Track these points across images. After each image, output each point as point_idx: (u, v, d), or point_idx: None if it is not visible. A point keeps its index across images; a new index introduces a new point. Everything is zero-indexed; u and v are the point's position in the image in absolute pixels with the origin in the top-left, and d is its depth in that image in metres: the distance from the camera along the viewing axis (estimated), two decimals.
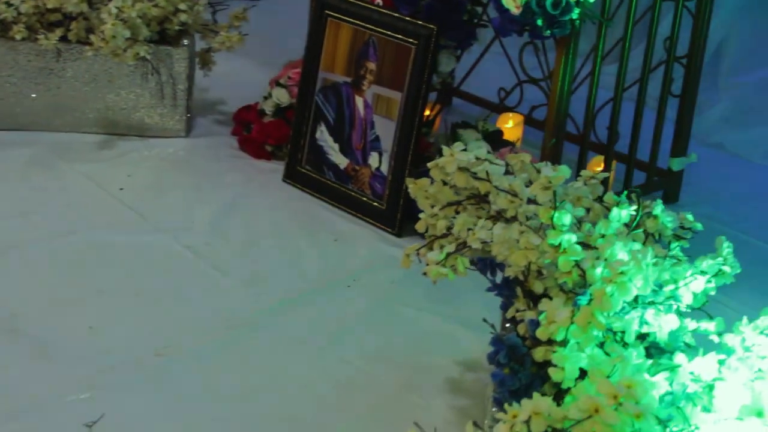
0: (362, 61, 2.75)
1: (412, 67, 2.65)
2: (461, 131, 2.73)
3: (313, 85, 2.86)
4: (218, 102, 3.39)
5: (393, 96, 2.70)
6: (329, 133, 2.84)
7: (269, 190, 2.90)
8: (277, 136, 3.03)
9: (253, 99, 3.19)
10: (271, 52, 3.73)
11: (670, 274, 1.72)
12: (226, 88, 3.45)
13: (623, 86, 2.74)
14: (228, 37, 3.09)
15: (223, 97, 3.42)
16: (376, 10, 2.71)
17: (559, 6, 2.41)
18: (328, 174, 2.85)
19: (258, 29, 3.80)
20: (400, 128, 2.69)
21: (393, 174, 2.71)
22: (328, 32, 2.82)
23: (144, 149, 3.06)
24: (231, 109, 3.28)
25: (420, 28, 2.63)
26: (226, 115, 3.28)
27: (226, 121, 3.25)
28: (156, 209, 2.74)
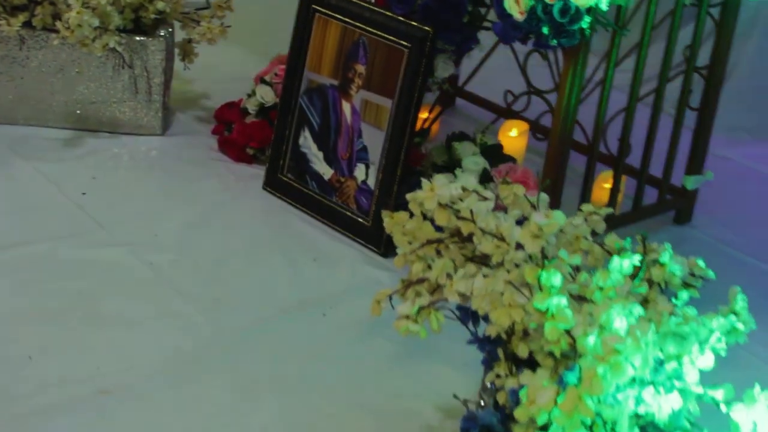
0: (351, 63, 2.51)
1: (404, 73, 2.40)
2: (457, 145, 2.48)
3: (297, 86, 2.61)
4: (200, 96, 3.14)
5: (383, 103, 2.46)
6: (313, 140, 2.59)
7: (247, 199, 2.65)
8: (260, 138, 2.79)
9: (239, 94, 2.95)
10: (262, 42, 3.49)
11: (675, 345, 1.48)
12: (210, 81, 3.21)
13: (637, 95, 2.49)
14: (209, 28, 2.84)
15: (206, 90, 3.17)
16: (367, 7, 2.46)
17: (567, 13, 2.16)
18: (311, 184, 2.60)
19: (250, 16, 3.57)
20: (390, 139, 2.44)
21: (380, 189, 2.47)
22: (315, 29, 2.57)
23: (114, 147, 2.82)
24: (214, 104, 3.04)
25: (414, 30, 2.38)
26: (208, 110, 3.04)
27: (207, 118, 3.00)
28: (119, 218, 2.50)
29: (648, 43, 2.43)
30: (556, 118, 2.36)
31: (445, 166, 2.47)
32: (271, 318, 2.22)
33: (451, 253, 1.73)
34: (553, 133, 2.38)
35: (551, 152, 2.39)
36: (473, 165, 2.43)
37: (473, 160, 2.44)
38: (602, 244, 1.73)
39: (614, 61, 2.39)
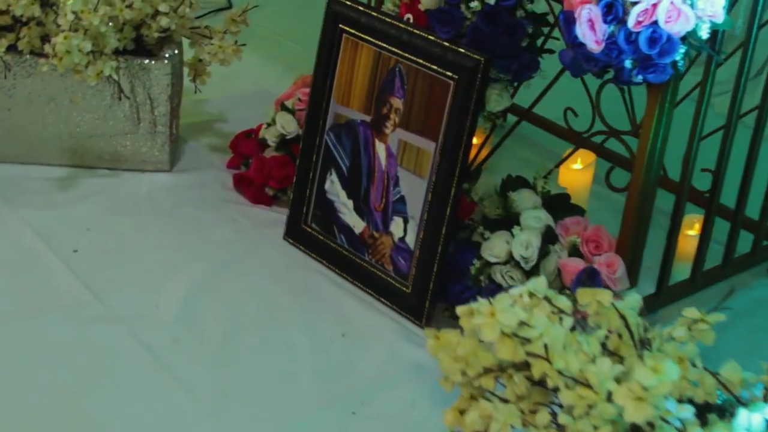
0: (385, 95, 2.04)
1: (450, 110, 1.94)
2: (513, 196, 2.01)
3: (322, 120, 2.15)
4: (214, 119, 2.69)
5: (424, 146, 1.99)
6: (342, 186, 2.14)
7: (265, 252, 2.21)
8: (280, 176, 2.33)
9: (259, 115, 2.50)
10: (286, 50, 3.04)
11: None
12: (225, 99, 2.76)
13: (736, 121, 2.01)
14: (221, 47, 2.39)
15: (221, 111, 2.72)
16: (405, 29, 1.99)
17: (657, 43, 1.68)
18: (339, 237, 2.15)
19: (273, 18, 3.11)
20: (433, 190, 1.98)
21: (422, 249, 2.01)
22: (343, 53, 2.10)
23: (114, 188, 2.37)
24: (230, 129, 2.60)
25: (462, 58, 1.90)
26: (224, 137, 2.58)
27: (222, 147, 2.55)
28: (115, 283, 2.06)
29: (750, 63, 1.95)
30: (638, 166, 1.89)
31: (499, 220, 2.01)
32: (289, 418, 1.77)
33: (517, 388, 1.27)
34: (634, 184, 1.91)
35: (631, 208, 1.92)
36: (535, 222, 1.97)
37: (534, 216, 1.97)
38: (717, 376, 1.27)
39: (709, 91, 1.92)
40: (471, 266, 1.98)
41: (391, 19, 2.01)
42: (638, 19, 1.68)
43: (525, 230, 1.96)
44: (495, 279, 1.96)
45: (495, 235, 1.98)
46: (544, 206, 2.02)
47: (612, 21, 1.69)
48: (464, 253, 2.00)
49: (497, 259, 1.96)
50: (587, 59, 1.75)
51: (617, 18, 1.69)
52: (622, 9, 1.69)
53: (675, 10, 1.67)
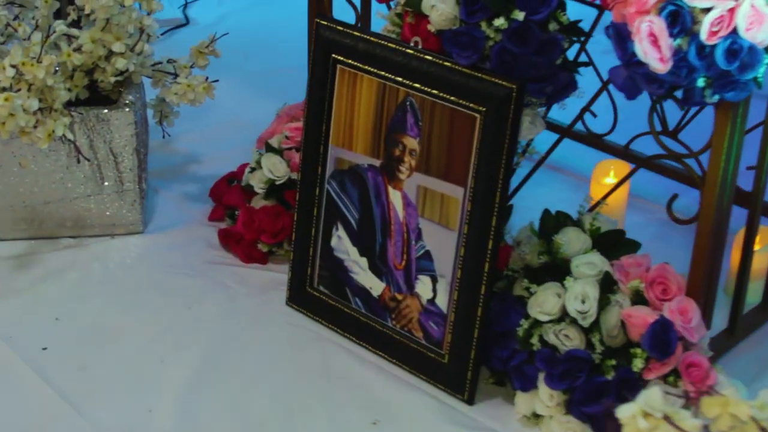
0: (396, 135, 1.71)
1: (479, 149, 1.61)
2: (559, 240, 1.68)
3: (320, 166, 1.82)
4: (189, 160, 2.35)
5: (450, 192, 1.67)
6: (352, 242, 1.81)
7: (269, 324, 1.87)
8: (274, 229, 2.00)
9: (241, 154, 2.18)
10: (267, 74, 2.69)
11: None
12: (200, 135, 2.42)
13: None
14: (189, 86, 2.04)
15: (196, 150, 2.38)
16: (415, 55, 1.66)
17: (737, 56, 1.36)
18: (354, 301, 1.82)
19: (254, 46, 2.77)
20: (465, 244, 1.65)
21: (457, 312, 1.69)
22: (339, 87, 1.77)
23: (81, 261, 2.03)
24: (208, 172, 2.26)
25: (491, 87, 1.58)
26: (200, 183, 2.25)
27: (200, 196, 2.21)
28: (96, 387, 1.72)
29: None
30: (709, 193, 1.58)
31: (544, 268, 1.69)
32: None
33: None
34: (705, 215, 1.59)
35: (703, 242, 1.61)
36: (588, 269, 1.65)
37: (587, 261, 1.65)
38: None
39: None
40: (518, 327, 1.66)
41: (396, 44, 1.68)
42: (712, 29, 1.36)
43: (578, 280, 1.64)
44: (548, 340, 1.65)
45: (542, 288, 1.66)
46: (594, 246, 1.70)
47: (679, 34, 1.37)
48: (507, 312, 1.68)
49: (549, 316, 1.64)
50: (649, 80, 1.43)
51: (685, 29, 1.37)
52: (691, 18, 1.37)
53: (757, 15, 1.35)
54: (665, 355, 1.58)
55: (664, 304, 1.63)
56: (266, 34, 2.86)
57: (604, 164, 2.11)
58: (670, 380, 1.61)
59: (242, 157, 2.19)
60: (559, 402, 1.63)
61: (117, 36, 1.96)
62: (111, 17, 1.93)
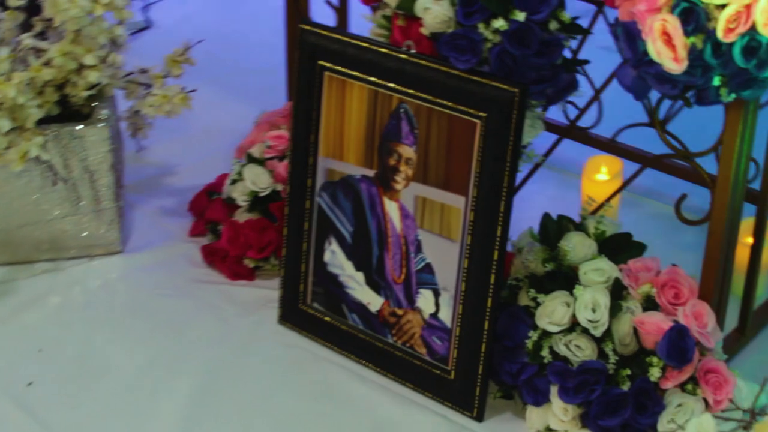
0: (390, 143, 1.63)
1: (480, 156, 1.53)
2: (565, 247, 1.61)
3: (310, 178, 1.74)
4: (162, 174, 2.25)
5: (450, 201, 1.59)
6: (346, 256, 1.72)
7: (262, 345, 1.79)
8: (260, 243, 1.91)
9: (221, 164, 2.09)
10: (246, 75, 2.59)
11: None
12: (177, 143, 2.32)
13: None
14: (165, 97, 1.94)
15: (173, 161, 2.28)
16: (408, 60, 1.57)
17: (755, 53, 1.29)
18: (351, 317, 1.74)
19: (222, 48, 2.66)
20: (469, 256, 1.58)
21: (462, 326, 1.61)
22: (327, 95, 1.68)
23: (60, 286, 1.93)
24: (184, 184, 2.17)
25: (491, 91, 1.50)
26: (178, 196, 2.15)
27: (178, 210, 2.12)
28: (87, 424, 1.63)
29: None
30: (721, 193, 1.51)
31: (550, 276, 1.62)
32: None
33: None
34: (717, 215, 1.53)
35: (716, 243, 1.55)
36: (597, 275, 1.58)
37: (595, 268, 1.58)
38: None
39: None
40: (526, 339, 1.59)
41: (388, 49, 1.59)
42: (729, 25, 1.29)
43: (588, 288, 1.57)
44: (558, 352, 1.58)
45: (550, 298, 1.59)
46: (600, 251, 1.63)
47: (693, 32, 1.30)
48: (514, 324, 1.61)
49: (559, 327, 1.57)
50: (661, 80, 1.36)
51: (699, 27, 1.30)
52: (705, 15, 1.30)
53: None
54: (683, 362, 1.52)
55: (677, 309, 1.56)
56: (235, 36, 2.76)
57: (595, 160, 2.04)
58: (688, 388, 1.54)
59: (219, 167, 2.11)
60: (574, 416, 1.56)
61: (88, 48, 1.86)
62: (81, 29, 1.83)
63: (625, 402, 1.52)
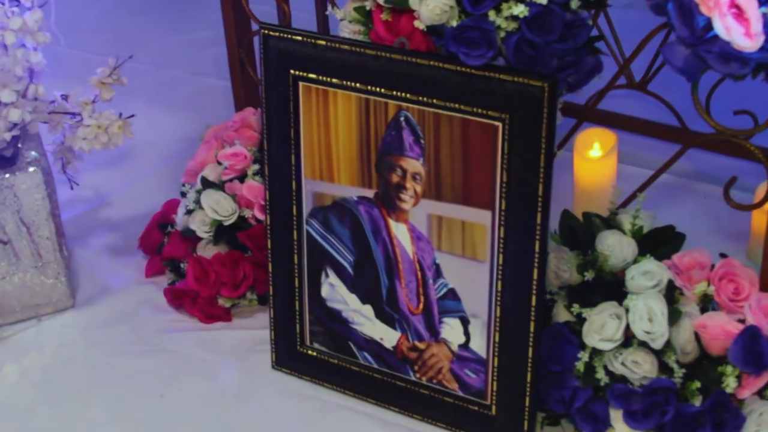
0: (391, 158, 1.37)
1: (505, 163, 1.28)
2: (605, 251, 1.38)
3: (295, 205, 1.47)
4: (98, 207, 1.95)
5: (472, 218, 1.34)
6: (349, 288, 1.47)
7: (259, 397, 1.52)
8: (235, 280, 1.64)
9: (160, 191, 1.82)
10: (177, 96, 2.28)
11: None
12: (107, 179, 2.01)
13: None
14: (100, 127, 1.64)
15: (101, 191, 1.98)
16: (406, 60, 1.31)
17: None
18: (361, 356, 1.49)
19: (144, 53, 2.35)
20: (502, 276, 1.34)
21: (501, 355, 1.37)
22: (306, 109, 1.41)
23: (11, 357, 1.62)
24: (126, 215, 1.90)
25: (514, 87, 1.24)
26: (122, 231, 1.87)
27: (127, 248, 1.83)
28: None
29: None
30: None
31: (591, 286, 1.38)
32: None
33: None
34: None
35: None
36: (646, 280, 1.35)
37: (645, 271, 1.35)
38: None
39: None
40: (575, 362, 1.37)
41: (377, 49, 1.32)
42: None
43: (639, 295, 1.35)
44: (614, 371, 1.35)
45: (597, 311, 1.36)
46: (641, 250, 1.40)
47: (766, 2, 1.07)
48: (558, 345, 1.38)
49: (612, 343, 1.34)
50: (726, 60, 1.13)
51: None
52: None
53: None
54: (761, 368, 1.31)
55: (741, 306, 1.35)
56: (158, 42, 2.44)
57: (586, 135, 1.81)
58: (766, 394, 1.34)
59: (162, 193, 1.84)
60: None
61: (3, 83, 1.55)
62: None
63: (702, 420, 1.31)
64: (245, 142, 1.70)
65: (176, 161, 1.93)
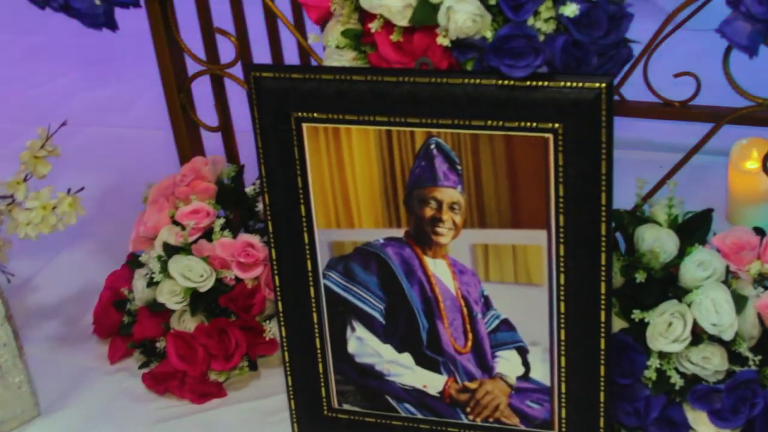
0: (422, 190, 1.19)
1: (561, 175, 1.13)
2: (654, 248, 1.24)
3: (309, 260, 1.26)
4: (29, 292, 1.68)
5: (525, 241, 1.18)
6: (381, 339, 1.27)
7: None
8: (227, 351, 1.42)
9: (100, 266, 1.58)
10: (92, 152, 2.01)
11: None
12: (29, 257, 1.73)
13: None
14: (45, 208, 1.38)
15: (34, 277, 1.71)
16: (436, 82, 1.12)
17: None
18: (402, 408, 1.30)
19: None
20: (565, 297, 1.18)
21: (569, 382, 1.22)
22: (313, 152, 1.20)
23: None
24: (69, 292, 1.66)
25: (566, 94, 1.08)
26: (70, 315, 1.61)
27: (81, 336, 1.58)
28: None
29: None
30: None
31: (644, 288, 1.25)
32: None
33: None
34: None
35: None
36: (701, 271, 1.23)
37: (698, 262, 1.23)
38: None
39: None
40: (645, 369, 1.23)
41: (401, 75, 1.14)
42: None
43: (700, 289, 1.22)
44: (686, 371, 1.23)
45: (657, 313, 1.23)
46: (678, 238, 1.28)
47: None
48: (625, 356, 1.24)
49: (682, 343, 1.22)
50: None
51: None
52: None
53: None
54: None
55: None
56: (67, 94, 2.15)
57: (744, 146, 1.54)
58: None
59: (90, 265, 1.59)
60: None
61: None
62: None
63: None
64: (202, 196, 1.48)
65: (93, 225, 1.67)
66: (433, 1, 1.08)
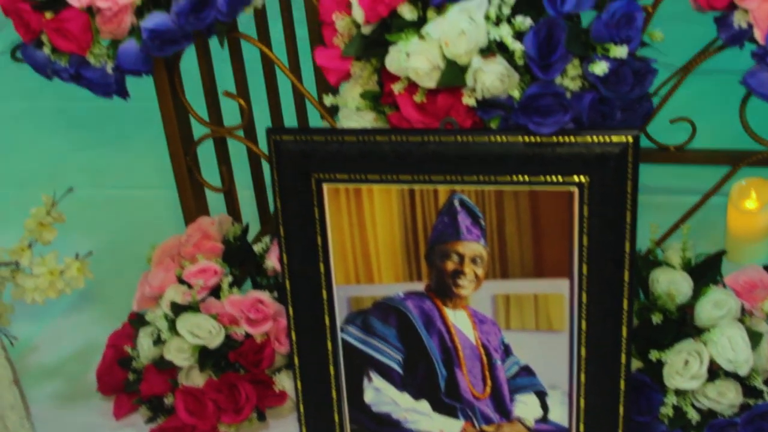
0: (445, 245, 1.18)
1: (586, 227, 1.13)
2: (671, 291, 1.25)
3: (326, 315, 1.24)
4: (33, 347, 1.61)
5: (547, 290, 1.17)
6: (399, 388, 1.26)
7: None
8: (237, 405, 1.39)
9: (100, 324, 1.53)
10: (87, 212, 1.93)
11: None
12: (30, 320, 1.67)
13: None
14: (53, 274, 1.33)
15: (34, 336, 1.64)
16: (462, 141, 1.12)
17: None
18: None
19: None
20: (586, 342, 1.18)
21: (588, 422, 1.22)
22: (333, 213, 1.18)
23: None
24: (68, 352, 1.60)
25: (593, 148, 1.09)
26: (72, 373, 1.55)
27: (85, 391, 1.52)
28: None
29: None
30: None
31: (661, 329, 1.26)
32: None
33: None
34: None
35: None
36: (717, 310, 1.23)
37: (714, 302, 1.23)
38: None
39: None
40: (661, 407, 1.24)
41: (425, 135, 1.13)
42: None
43: (716, 327, 1.24)
44: (702, 407, 1.24)
45: (674, 353, 1.24)
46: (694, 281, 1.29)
47: None
48: (643, 395, 1.25)
49: (699, 380, 1.23)
50: None
51: None
52: None
53: None
54: None
55: None
56: None
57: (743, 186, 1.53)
58: None
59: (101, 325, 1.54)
60: None
61: None
62: None
63: None
64: (209, 255, 1.45)
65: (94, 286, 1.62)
66: (461, 62, 1.07)
